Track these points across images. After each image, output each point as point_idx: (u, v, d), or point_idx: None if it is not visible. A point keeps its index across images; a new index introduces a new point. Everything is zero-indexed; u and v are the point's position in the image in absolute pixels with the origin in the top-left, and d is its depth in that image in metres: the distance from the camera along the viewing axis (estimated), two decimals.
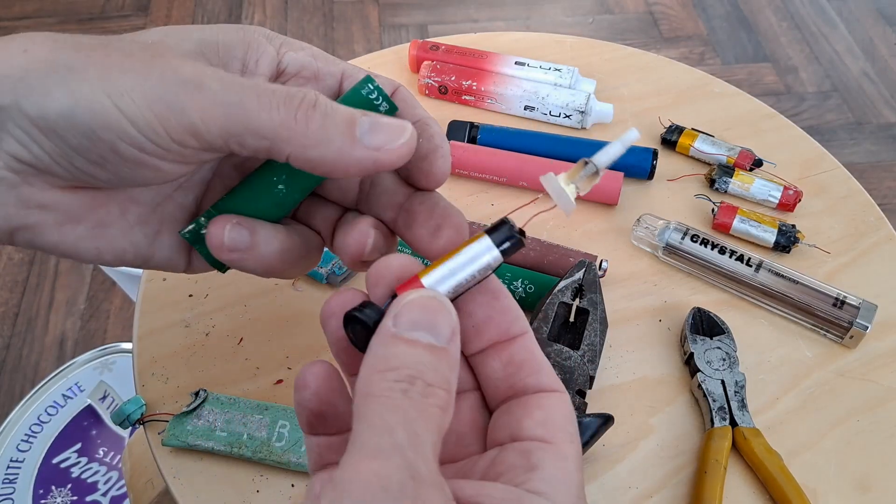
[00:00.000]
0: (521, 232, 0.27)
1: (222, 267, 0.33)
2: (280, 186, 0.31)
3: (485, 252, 0.27)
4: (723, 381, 0.41)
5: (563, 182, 0.29)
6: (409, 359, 0.23)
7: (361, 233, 0.31)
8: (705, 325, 0.44)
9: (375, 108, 0.30)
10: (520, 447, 0.25)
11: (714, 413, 0.40)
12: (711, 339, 0.43)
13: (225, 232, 0.30)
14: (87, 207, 0.29)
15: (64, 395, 0.86)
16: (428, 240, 0.31)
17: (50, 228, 0.29)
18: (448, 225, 0.31)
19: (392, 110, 0.31)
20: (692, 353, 0.42)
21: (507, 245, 0.27)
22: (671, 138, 0.55)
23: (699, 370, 0.42)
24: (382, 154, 0.28)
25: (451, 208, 0.31)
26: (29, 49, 0.26)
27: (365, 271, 0.29)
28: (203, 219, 0.31)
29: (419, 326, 0.24)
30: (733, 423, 0.40)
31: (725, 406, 0.40)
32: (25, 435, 0.84)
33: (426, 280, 0.27)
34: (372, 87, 0.30)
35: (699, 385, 0.41)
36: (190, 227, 0.31)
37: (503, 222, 0.28)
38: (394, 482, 0.20)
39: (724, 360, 0.42)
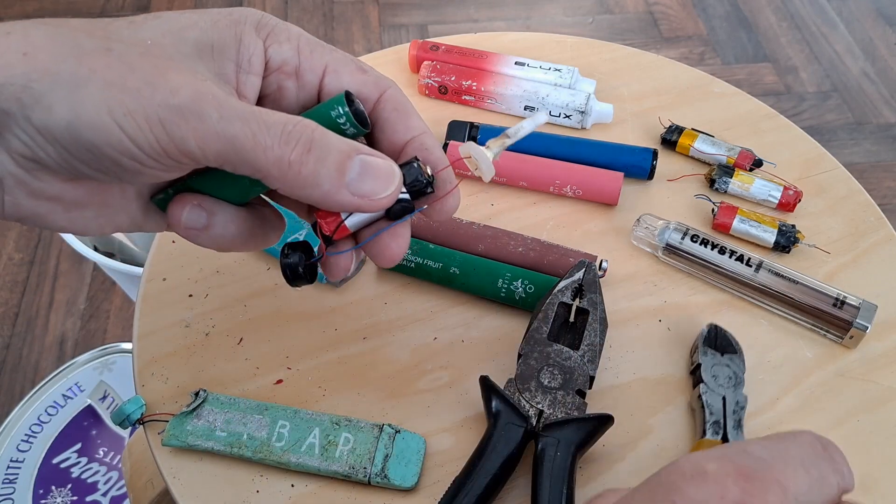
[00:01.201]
0: (430, 176, 0.32)
1: None
2: (248, 181, 0.31)
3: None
4: (724, 398, 0.41)
5: (484, 150, 0.34)
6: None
7: (346, 259, 0.33)
8: (719, 341, 0.43)
9: (342, 132, 0.31)
10: None
11: (708, 425, 0.40)
12: (722, 355, 0.43)
13: (183, 212, 0.32)
14: (92, 194, 0.30)
15: (64, 395, 0.86)
16: None
17: (59, 215, 0.30)
18: None
19: (358, 134, 0.32)
20: (699, 365, 0.42)
21: (414, 188, 0.31)
22: (671, 138, 0.55)
23: (703, 382, 0.41)
24: (365, 203, 0.30)
25: None
26: (28, 52, 0.26)
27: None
28: (171, 190, 0.33)
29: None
30: (725, 439, 0.40)
31: (721, 421, 0.40)
32: (25, 435, 0.84)
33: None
34: (341, 112, 0.31)
35: (699, 396, 0.41)
36: (161, 195, 0.33)
37: (411, 164, 0.32)
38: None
39: (730, 378, 0.42)
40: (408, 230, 0.34)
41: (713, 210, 0.50)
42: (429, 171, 0.32)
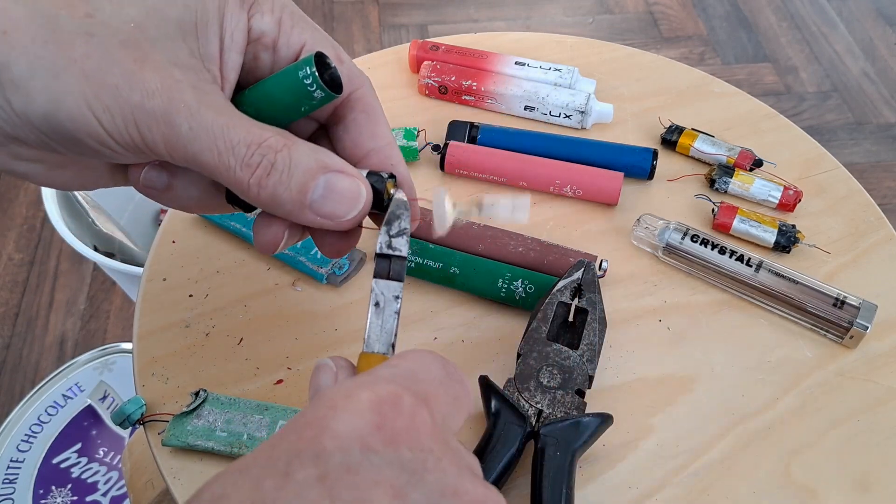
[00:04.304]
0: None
1: None
2: None
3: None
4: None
5: (450, 203, 0.31)
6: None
7: (276, 232, 0.32)
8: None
9: (310, 95, 0.30)
10: None
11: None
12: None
13: (142, 172, 0.31)
14: (72, 159, 0.30)
15: (64, 395, 0.86)
16: None
17: (39, 174, 0.30)
18: None
19: (328, 98, 0.30)
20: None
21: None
22: (671, 138, 0.55)
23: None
24: (328, 224, 0.30)
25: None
26: (7, 31, 0.26)
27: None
28: None
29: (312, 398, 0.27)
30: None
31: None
32: (25, 435, 0.84)
33: None
34: (309, 72, 0.29)
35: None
36: None
37: (379, 176, 0.30)
38: None
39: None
40: (347, 238, 0.32)
41: (713, 210, 0.50)
42: (392, 192, 0.30)
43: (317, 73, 0.29)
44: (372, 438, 0.21)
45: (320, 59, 0.30)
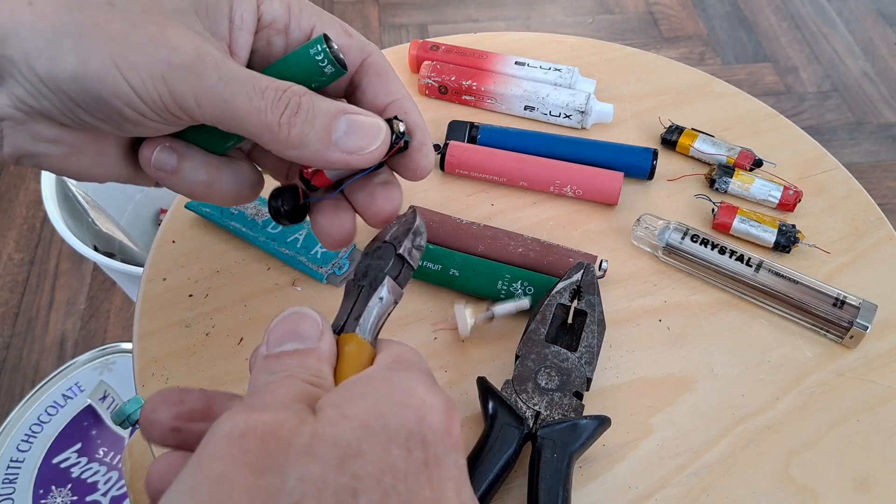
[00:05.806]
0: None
1: None
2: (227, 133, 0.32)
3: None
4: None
5: (469, 314, 0.42)
6: (280, 368, 0.26)
7: (345, 221, 0.34)
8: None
9: (321, 70, 0.32)
10: None
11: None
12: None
13: (153, 153, 0.32)
14: (90, 141, 0.31)
15: (64, 395, 0.86)
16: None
17: (56, 158, 0.31)
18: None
19: (337, 73, 0.32)
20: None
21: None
22: (671, 138, 0.55)
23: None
24: (354, 158, 0.31)
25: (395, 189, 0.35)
26: (34, 1, 0.27)
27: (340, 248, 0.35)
28: None
29: (285, 340, 0.27)
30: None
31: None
32: (25, 435, 0.84)
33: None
34: (320, 49, 0.32)
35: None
36: None
37: (389, 121, 0.32)
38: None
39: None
40: (396, 190, 0.34)
41: (713, 210, 0.50)
42: (402, 128, 0.33)
43: (327, 49, 0.31)
44: (449, 440, 0.24)
45: (326, 38, 0.32)
